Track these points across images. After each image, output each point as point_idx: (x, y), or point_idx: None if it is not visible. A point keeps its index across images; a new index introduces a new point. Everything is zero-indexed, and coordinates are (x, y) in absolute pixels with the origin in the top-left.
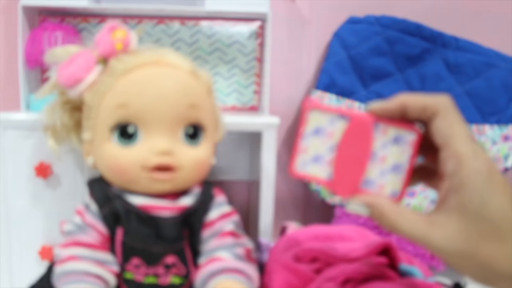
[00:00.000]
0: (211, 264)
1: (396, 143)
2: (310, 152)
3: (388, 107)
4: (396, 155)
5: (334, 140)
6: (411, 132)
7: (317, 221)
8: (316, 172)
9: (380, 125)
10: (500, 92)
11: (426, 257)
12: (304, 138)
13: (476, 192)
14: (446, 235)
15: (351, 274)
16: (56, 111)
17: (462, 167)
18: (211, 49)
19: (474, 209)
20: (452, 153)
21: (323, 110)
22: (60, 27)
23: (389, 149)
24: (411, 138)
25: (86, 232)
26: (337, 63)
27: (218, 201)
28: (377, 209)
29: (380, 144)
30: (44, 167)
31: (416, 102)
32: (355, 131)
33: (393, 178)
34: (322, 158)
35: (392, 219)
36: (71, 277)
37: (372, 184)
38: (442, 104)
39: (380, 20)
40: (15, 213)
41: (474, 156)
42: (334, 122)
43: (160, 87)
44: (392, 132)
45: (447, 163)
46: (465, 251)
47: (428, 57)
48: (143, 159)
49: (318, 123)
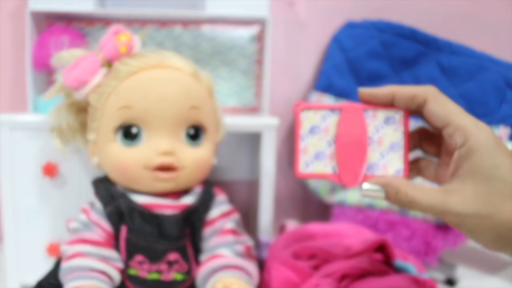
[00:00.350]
0: (212, 261)
1: (387, 124)
2: (311, 151)
3: (377, 93)
4: (391, 135)
5: (330, 135)
6: (398, 110)
7: (316, 219)
8: (320, 169)
9: (369, 111)
10: (492, 94)
11: (420, 254)
12: (302, 139)
13: (487, 155)
14: (464, 200)
15: (348, 270)
16: (62, 113)
17: (470, 137)
18: (212, 52)
19: (487, 171)
20: (456, 127)
21: (314, 109)
22: (67, 31)
23: (382, 131)
24: (400, 116)
25: (91, 229)
26: (335, 66)
27: (219, 200)
28: (393, 187)
29: (373, 128)
30: (50, 167)
31: (404, 90)
32: (348, 121)
33: (393, 156)
34: (323, 154)
35: (410, 194)
36: (77, 273)
37: (375, 168)
38: (430, 91)
39: (377, 24)
40: (23, 211)
41: (478, 126)
42: (326, 117)
43: (163, 89)
44: (381, 115)
45: (454, 137)
46: (483, 211)
47: (422, 60)
48: (146, 159)
49: (312, 122)
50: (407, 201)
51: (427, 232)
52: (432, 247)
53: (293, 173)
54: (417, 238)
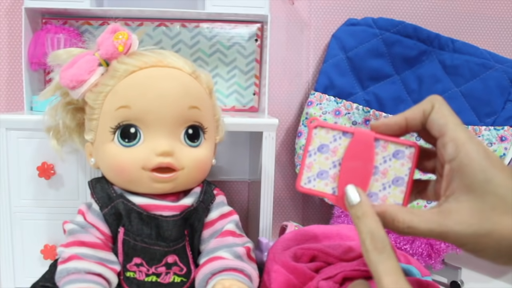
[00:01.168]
0: (211, 263)
1: (395, 157)
2: (315, 168)
3: (389, 122)
4: (396, 169)
5: (337, 156)
6: (409, 146)
7: (316, 220)
8: (321, 187)
9: (381, 141)
10: (496, 94)
11: (423, 257)
12: (309, 155)
13: (478, 169)
14: (461, 220)
15: (349, 272)
16: (58, 112)
17: (461, 149)
18: (211, 51)
19: (480, 185)
20: (449, 139)
21: (327, 128)
22: (63, 30)
23: (389, 163)
24: (410, 152)
25: (88, 231)
26: (335, 65)
27: (218, 201)
28: (389, 214)
29: (381, 158)
30: (46, 168)
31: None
32: (357, 147)
33: (394, 190)
34: (327, 173)
35: (407, 221)
36: (73, 275)
37: (375, 197)
38: (436, 100)
39: (378, 22)
40: (18, 212)
41: (470, 139)
42: (336, 139)
43: (161, 88)
44: (392, 147)
45: (446, 148)
46: (482, 229)
47: (425, 59)
48: (144, 160)
49: (322, 140)
50: (405, 227)
51: None
52: (435, 249)
53: (293, 173)
54: (419, 240)
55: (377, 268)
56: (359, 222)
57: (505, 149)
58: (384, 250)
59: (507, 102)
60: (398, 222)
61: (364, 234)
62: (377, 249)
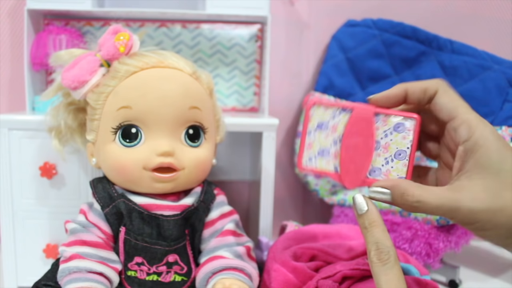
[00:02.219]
0: (211, 262)
1: (396, 131)
2: (315, 147)
3: (389, 94)
4: (398, 142)
5: (338, 133)
6: (410, 118)
7: (316, 220)
8: (323, 166)
9: (381, 115)
10: (494, 94)
11: (422, 255)
12: (309, 134)
13: (493, 149)
14: (474, 196)
15: (349, 271)
16: (60, 113)
17: (475, 130)
18: (212, 52)
19: (495, 164)
20: (462, 121)
21: (324, 105)
22: (65, 31)
23: (390, 137)
24: (411, 124)
25: (89, 230)
26: (335, 65)
27: (218, 200)
28: (399, 188)
29: (381, 133)
30: (48, 167)
31: (416, 85)
32: (357, 122)
33: (397, 164)
34: (328, 151)
35: (417, 194)
36: (75, 274)
37: (378, 172)
38: (441, 84)
39: (377, 23)
40: (20, 212)
41: (482, 121)
42: (335, 116)
43: (162, 89)
44: (393, 120)
45: (459, 130)
46: (495, 205)
47: (424, 60)
48: (145, 160)
49: (321, 118)
50: (414, 201)
51: (428, 233)
52: (433, 248)
53: (293, 173)
54: (418, 239)
55: (380, 279)
56: (366, 232)
57: None
58: (388, 261)
59: (505, 102)
60: (408, 195)
61: (370, 245)
62: (381, 260)
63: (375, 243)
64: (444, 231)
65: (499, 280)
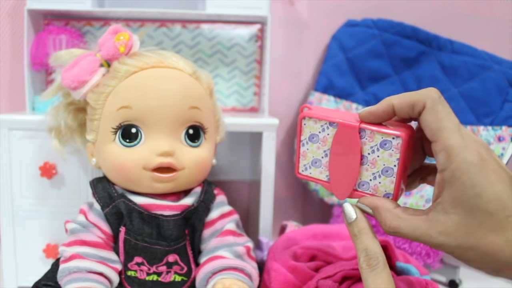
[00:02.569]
0: (211, 262)
1: (383, 148)
2: (309, 157)
3: (376, 111)
4: (385, 159)
5: (327, 146)
6: (396, 137)
7: (316, 220)
8: (317, 175)
9: (367, 131)
10: (494, 94)
11: (422, 256)
12: (302, 144)
13: (468, 184)
14: (446, 232)
15: (349, 271)
16: (60, 113)
17: (453, 160)
18: (212, 52)
19: (469, 201)
20: (441, 147)
21: (314, 119)
22: (65, 31)
23: (377, 153)
24: (397, 142)
25: (89, 230)
26: (335, 65)
27: (218, 200)
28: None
29: (368, 148)
30: (48, 167)
31: (402, 101)
32: (343, 137)
33: (385, 180)
34: (319, 162)
35: (394, 225)
36: (75, 274)
37: (366, 186)
38: (429, 97)
39: (377, 23)
40: (20, 212)
41: (464, 148)
42: (324, 129)
43: (162, 89)
44: (379, 137)
45: (438, 157)
46: (466, 244)
47: (424, 60)
48: (145, 160)
49: (312, 130)
50: (391, 231)
51: None
52: (433, 248)
53: (293, 173)
54: None
55: (369, 284)
56: (356, 239)
57: (503, 149)
58: (377, 266)
59: (505, 102)
60: (385, 225)
61: (359, 251)
62: (370, 266)
63: (364, 249)
64: None
65: (499, 280)
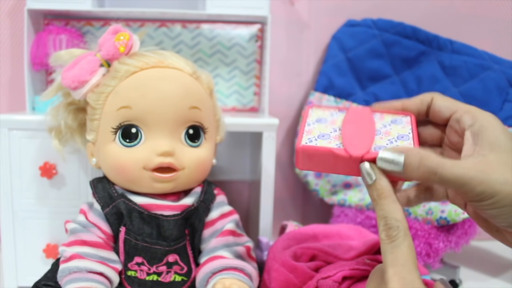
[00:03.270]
0: (211, 262)
1: (394, 123)
2: (315, 133)
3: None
4: (399, 129)
5: (337, 125)
6: (404, 116)
7: (316, 220)
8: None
9: (377, 114)
10: (494, 94)
11: (422, 255)
12: (308, 125)
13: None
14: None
15: (349, 271)
16: (60, 113)
17: (477, 117)
18: (212, 52)
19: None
20: (464, 111)
21: (322, 108)
22: (65, 30)
23: (389, 127)
24: (407, 119)
25: (89, 230)
26: (335, 65)
27: (218, 200)
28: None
29: (380, 125)
30: (48, 167)
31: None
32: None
33: (402, 143)
34: (328, 135)
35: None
36: (75, 274)
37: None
38: (434, 93)
39: (377, 23)
40: (20, 212)
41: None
42: (333, 114)
43: (162, 89)
44: (389, 117)
45: (462, 119)
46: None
47: (424, 60)
48: (145, 160)
49: (320, 115)
50: (433, 166)
51: (428, 233)
52: (433, 248)
53: (293, 173)
54: (418, 239)
55: (386, 258)
56: (376, 204)
57: None
58: (396, 237)
59: (505, 102)
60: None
61: (379, 219)
62: (388, 237)
63: (383, 217)
64: (444, 231)
65: (499, 280)
